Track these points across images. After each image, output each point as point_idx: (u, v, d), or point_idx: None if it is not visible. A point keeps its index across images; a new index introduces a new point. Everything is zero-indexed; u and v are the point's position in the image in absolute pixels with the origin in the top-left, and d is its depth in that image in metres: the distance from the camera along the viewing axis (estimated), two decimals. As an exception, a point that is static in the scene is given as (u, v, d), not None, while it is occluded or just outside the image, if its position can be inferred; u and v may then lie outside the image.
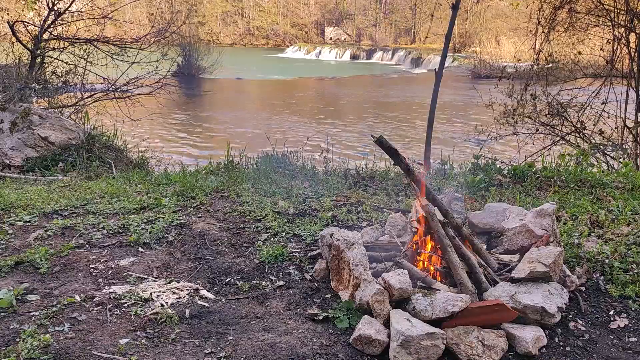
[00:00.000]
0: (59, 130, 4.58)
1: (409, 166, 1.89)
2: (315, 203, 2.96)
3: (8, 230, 2.46)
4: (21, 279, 1.97)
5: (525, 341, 1.55)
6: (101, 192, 3.21)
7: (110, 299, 1.84)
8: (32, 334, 1.59)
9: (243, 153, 4.37)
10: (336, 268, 1.92)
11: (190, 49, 21.92)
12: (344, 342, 1.62)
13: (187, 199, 3.06)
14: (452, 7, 4.21)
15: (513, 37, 22.34)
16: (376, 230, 2.33)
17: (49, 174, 4.11)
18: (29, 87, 5.87)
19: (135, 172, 4.18)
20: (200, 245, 2.38)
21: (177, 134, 11.67)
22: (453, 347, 1.53)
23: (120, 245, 2.34)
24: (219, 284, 2.02)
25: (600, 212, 2.63)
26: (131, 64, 6.83)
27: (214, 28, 51.85)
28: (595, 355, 1.58)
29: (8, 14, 7.25)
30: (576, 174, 3.50)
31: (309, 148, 4.44)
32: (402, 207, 2.87)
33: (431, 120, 4.57)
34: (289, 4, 54.16)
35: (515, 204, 2.77)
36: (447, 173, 3.81)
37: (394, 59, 37.29)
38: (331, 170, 3.97)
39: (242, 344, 1.60)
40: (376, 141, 1.86)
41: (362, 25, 51.75)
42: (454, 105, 15.64)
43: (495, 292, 1.71)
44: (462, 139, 7.80)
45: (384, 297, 1.63)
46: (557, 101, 5.67)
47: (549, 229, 2.02)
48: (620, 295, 1.89)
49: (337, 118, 14.50)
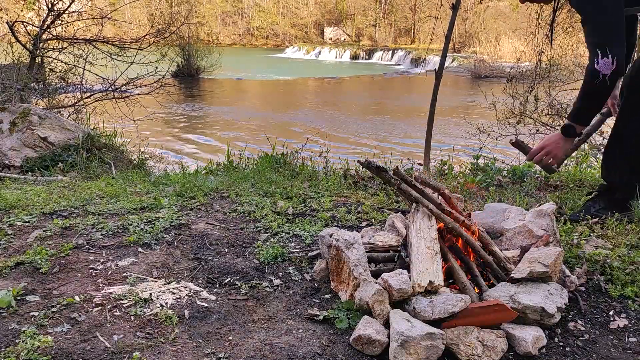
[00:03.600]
0: (58, 130, 4.58)
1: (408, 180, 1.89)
2: (315, 203, 2.96)
3: (7, 231, 2.45)
4: (20, 280, 1.97)
5: (525, 341, 1.55)
6: (101, 192, 3.21)
7: (109, 300, 1.84)
8: (31, 335, 1.59)
9: (243, 153, 4.37)
10: (336, 268, 1.92)
11: (189, 49, 21.95)
12: (343, 343, 1.61)
13: (186, 199, 3.06)
14: (452, 7, 4.22)
15: (513, 38, 22.37)
16: (376, 230, 2.33)
17: (49, 174, 4.11)
18: (28, 88, 5.87)
19: (134, 172, 4.18)
20: (199, 245, 2.38)
21: (176, 134, 11.67)
22: (453, 347, 1.53)
23: (120, 245, 2.34)
24: (219, 284, 2.02)
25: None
26: (130, 64, 6.84)
27: (213, 28, 51.88)
28: (595, 355, 1.58)
29: (7, 14, 7.25)
30: (576, 175, 3.51)
31: (309, 148, 4.44)
32: (401, 207, 2.87)
33: (431, 120, 4.57)
34: (288, 4, 54.19)
35: (515, 204, 2.77)
36: (447, 173, 3.81)
37: (393, 59, 37.33)
38: (331, 170, 3.97)
39: (241, 344, 1.60)
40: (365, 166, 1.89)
41: (361, 26, 51.79)
42: (454, 105, 15.64)
43: (495, 293, 1.71)
44: (463, 138, 7.80)
45: (384, 297, 1.63)
46: (557, 102, 5.68)
47: (549, 229, 2.02)
48: (620, 295, 1.89)
49: (336, 118, 14.50)
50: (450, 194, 2.01)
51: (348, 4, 51.82)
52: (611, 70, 2.01)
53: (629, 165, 2.49)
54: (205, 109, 15.24)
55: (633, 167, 2.49)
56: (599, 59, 2.00)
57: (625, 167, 2.50)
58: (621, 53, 2.02)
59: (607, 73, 2.01)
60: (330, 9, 52.81)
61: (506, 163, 4.46)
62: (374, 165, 1.86)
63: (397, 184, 1.89)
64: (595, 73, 2.03)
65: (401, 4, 49.78)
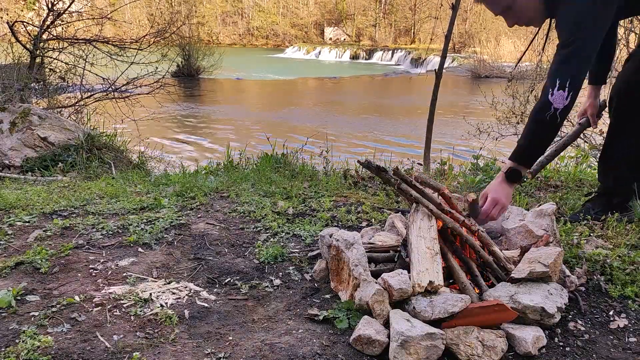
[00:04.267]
0: (58, 130, 4.58)
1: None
2: (315, 203, 2.96)
3: (7, 231, 2.45)
4: (20, 280, 1.97)
5: (525, 341, 1.55)
6: (101, 192, 3.21)
7: (109, 300, 1.84)
8: (31, 335, 1.59)
9: (243, 153, 4.37)
10: (336, 268, 1.92)
11: (189, 49, 21.94)
12: (343, 343, 1.61)
13: (186, 199, 3.06)
14: (452, 7, 4.22)
15: (513, 37, 22.36)
16: (376, 230, 2.33)
17: (49, 174, 4.11)
18: (28, 88, 5.87)
19: (134, 172, 4.18)
20: (199, 245, 2.38)
21: (176, 134, 11.67)
22: (453, 347, 1.53)
23: (120, 245, 2.34)
24: (219, 284, 2.02)
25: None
26: (130, 64, 6.84)
27: (213, 28, 51.89)
28: (595, 355, 1.58)
29: (7, 14, 7.26)
30: (576, 175, 3.51)
31: (309, 148, 4.44)
32: (401, 207, 2.87)
33: (431, 120, 4.57)
34: (288, 4, 54.20)
35: (515, 204, 2.77)
36: (447, 173, 3.81)
37: (393, 59, 37.32)
38: (331, 170, 3.97)
39: (241, 344, 1.60)
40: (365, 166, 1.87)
41: (361, 26, 51.79)
42: (454, 105, 15.64)
43: (495, 293, 1.71)
44: (463, 138, 7.81)
45: (384, 297, 1.63)
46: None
47: (549, 229, 2.02)
48: (620, 295, 1.89)
49: (336, 118, 14.50)
50: (450, 193, 2.01)
51: (348, 4, 51.82)
52: (563, 106, 1.86)
53: (624, 169, 2.49)
54: (206, 109, 15.24)
55: (628, 171, 2.49)
56: (555, 90, 1.86)
57: (621, 171, 2.50)
58: (577, 92, 1.88)
59: (559, 107, 1.86)
60: (330, 9, 52.81)
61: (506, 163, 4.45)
62: (373, 165, 1.86)
63: (397, 184, 1.89)
64: (547, 104, 1.87)
65: (401, 4, 49.78)
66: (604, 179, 2.61)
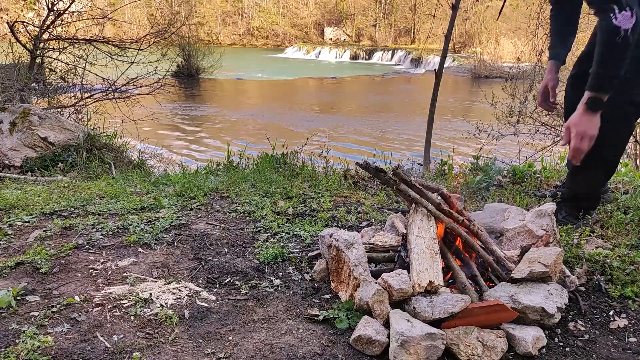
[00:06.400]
0: (58, 130, 4.58)
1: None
2: (315, 203, 2.96)
3: (7, 231, 2.45)
4: (20, 280, 1.97)
5: (525, 341, 1.55)
6: (101, 192, 3.21)
7: (109, 300, 1.84)
8: (31, 335, 1.59)
9: (243, 153, 4.37)
10: (336, 268, 1.92)
11: (190, 49, 21.94)
12: (343, 343, 1.61)
13: (186, 199, 3.06)
14: (451, 7, 4.22)
15: (513, 38, 22.36)
16: (376, 230, 2.33)
17: (49, 174, 4.11)
18: (28, 88, 5.87)
19: (134, 172, 4.18)
20: (199, 245, 2.38)
21: (176, 134, 11.67)
22: (453, 347, 1.53)
23: (120, 245, 2.34)
24: (219, 284, 2.02)
25: (600, 212, 2.63)
26: (130, 64, 6.84)
27: (213, 28, 51.88)
28: (595, 355, 1.58)
29: (7, 14, 7.26)
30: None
31: (309, 148, 4.44)
32: (401, 207, 2.87)
33: (431, 120, 4.57)
34: (288, 4, 54.19)
35: (515, 204, 2.77)
36: (447, 173, 3.81)
37: (393, 59, 37.32)
38: (331, 170, 3.97)
39: (241, 345, 1.60)
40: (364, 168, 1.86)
41: (361, 26, 51.77)
42: (453, 105, 15.64)
43: (495, 293, 1.71)
44: (463, 138, 7.80)
45: (384, 297, 1.63)
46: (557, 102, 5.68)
47: (549, 229, 2.02)
48: (620, 295, 1.89)
49: (336, 118, 14.50)
50: (450, 193, 2.01)
51: (348, 4, 51.81)
52: (632, 24, 1.79)
53: (594, 178, 2.47)
54: (206, 109, 15.24)
55: (598, 179, 2.49)
56: (617, 13, 1.80)
57: (591, 179, 2.48)
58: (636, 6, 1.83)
59: (628, 28, 1.80)
60: (330, 9, 52.79)
61: (506, 163, 4.46)
62: (372, 167, 1.86)
63: (396, 184, 1.89)
64: (615, 29, 1.81)
65: (401, 4, 49.76)
66: (576, 185, 2.56)
